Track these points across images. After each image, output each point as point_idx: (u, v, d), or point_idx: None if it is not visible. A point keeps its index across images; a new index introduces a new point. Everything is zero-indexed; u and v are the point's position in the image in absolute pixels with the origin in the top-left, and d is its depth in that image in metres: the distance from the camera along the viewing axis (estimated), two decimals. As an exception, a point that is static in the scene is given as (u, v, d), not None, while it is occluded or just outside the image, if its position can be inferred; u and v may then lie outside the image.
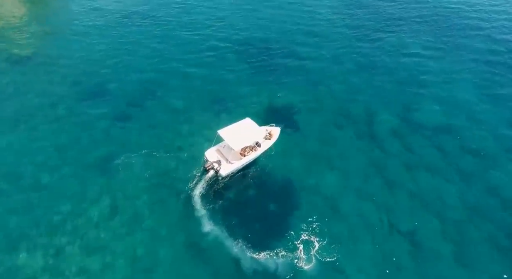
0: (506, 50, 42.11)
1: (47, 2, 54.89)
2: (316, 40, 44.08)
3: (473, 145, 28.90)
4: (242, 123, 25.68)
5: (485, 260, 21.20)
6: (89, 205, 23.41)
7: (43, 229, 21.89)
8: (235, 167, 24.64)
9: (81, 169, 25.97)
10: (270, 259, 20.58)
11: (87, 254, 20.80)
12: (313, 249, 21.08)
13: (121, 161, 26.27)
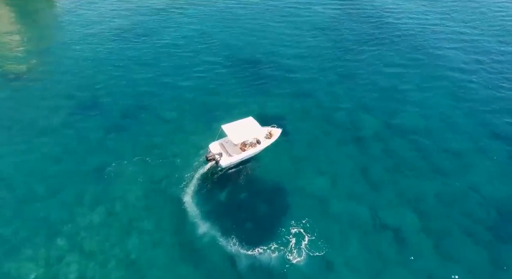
0: (478, 62, 44.89)
1: (40, 22, 56.60)
2: (302, 55, 46.26)
3: (450, 146, 30.79)
4: (244, 120, 27.92)
5: (465, 251, 22.47)
6: (84, 210, 24.11)
7: (40, 235, 22.40)
8: (234, 159, 26.89)
9: (76, 177, 26.75)
10: (263, 255, 21.53)
11: (83, 258, 21.31)
12: (303, 244, 22.16)
13: (114, 168, 27.19)
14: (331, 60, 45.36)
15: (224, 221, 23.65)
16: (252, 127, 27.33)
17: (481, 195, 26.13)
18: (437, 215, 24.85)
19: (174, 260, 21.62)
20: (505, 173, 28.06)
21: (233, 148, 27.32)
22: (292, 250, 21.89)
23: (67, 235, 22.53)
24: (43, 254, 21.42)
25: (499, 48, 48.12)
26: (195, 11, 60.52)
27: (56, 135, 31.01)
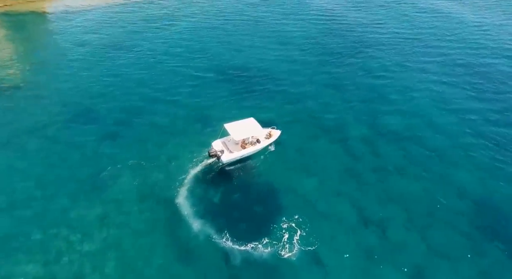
0: (460, 72, 46.93)
1: (33, 36, 58.02)
2: (291, 66, 48.02)
3: (432, 147, 32.25)
4: (246, 120, 30.18)
5: (448, 244, 23.45)
6: (79, 213, 24.67)
7: (36, 238, 22.87)
8: (235, 156, 28.88)
9: (71, 181, 27.39)
10: (256, 250, 22.33)
11: (79, 259, 21.72)
12: (295, 240, 23.05)
13: (109, 172, 28.02)
14: (319, 70, 47.26)
15: (217, 219, 24.44)
16: (252, 127, 29.38)
17: (461, 190, 27.44)
18: (421, 210, 25.95)
19: (169, 260, 22.12)
20: (483, 170, 29.50)
21: (234, 146, 29.52)
22: (285, 245, 22.74)
23: (62, 238, 22.99)
24: (39, 255, 21.80)
25: (476, 60, 50.51)
26: (187, 25, 62.64)
27: (51, 143, 31.74)
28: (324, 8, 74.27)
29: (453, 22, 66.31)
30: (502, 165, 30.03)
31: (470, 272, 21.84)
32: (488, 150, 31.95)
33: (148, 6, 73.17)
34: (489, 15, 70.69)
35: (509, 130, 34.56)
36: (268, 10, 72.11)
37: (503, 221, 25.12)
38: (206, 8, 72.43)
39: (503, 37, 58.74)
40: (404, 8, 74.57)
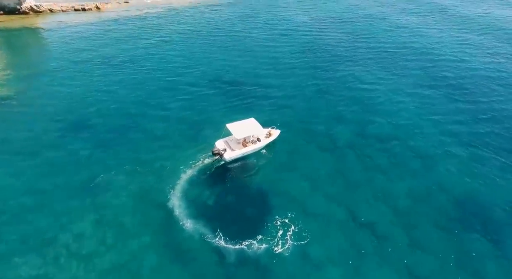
0: (439, 82, 49.39)
1: (27, 52, 58.73)
2: (282, 75, 49.98)
3: (416, 150, 33.92)
4: (247, 120, 32.29)
5: (433, 240, 24.53)
6: (74, 218, 24.95)
7: (32, 243, 23.05)
8: (237, 154, 30.65)
9: (66, 189, 27.66)
10: (250, 248, 23.05)
11: (75, 263, 21.90)
12: (288, 236, 23.94)
13: (103, 178, 28.50)
14: (309, 79, 49.34)
15: (211, 220, 25.07)
16: (253, 126, 31.38)
17: (445, 191, 28.79)
18: (408, 210, 27.09)
19: (165, 261, 22.46)
20: (465, 171, 31.05)
21: (235, 145, 31.26)
22: (278, 241, 23.60)
23: (58, 242, 23.19)
24: (34, 259, 21.95)
25: (453, 71, 53.34)
26: (179, 41, 64.54)
27: (44, 151, 32.05)
28: (311, 25, 77.71)
29: (433, 37, 70.16)
30: (478, 164, 31.90)
31: (454, 264, 22.83)
32: (465, 151, 33.77)
33: (140, 22, 75.20)
34: (465, 31, 75.08)
35: (483, 133, 36.77)
36: (258, 26, 75.04)
37: (481, 214, 26.55)
38: (198, 25, 74.87)
39: (478, 51, 62.44)
40: (387, 24, 78.65)
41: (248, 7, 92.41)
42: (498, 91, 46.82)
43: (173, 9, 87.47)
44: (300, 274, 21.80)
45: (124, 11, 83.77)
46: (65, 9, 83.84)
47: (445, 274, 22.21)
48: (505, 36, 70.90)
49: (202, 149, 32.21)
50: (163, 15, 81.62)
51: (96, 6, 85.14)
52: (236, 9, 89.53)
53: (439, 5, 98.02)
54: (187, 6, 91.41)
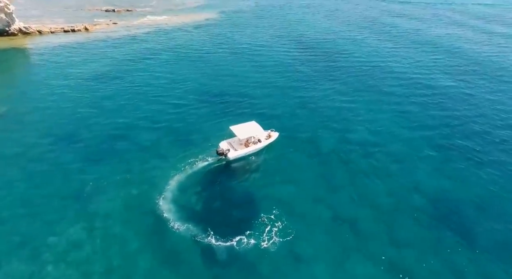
0: (416, 94, 52.62)
1: (16, 69, 59.83)
2: (267, 91, 51.93)
3: (393, 155, 35.98)
4: (248, 123, 35.10)
5: (411, 235, 26.05)
6: (65, 226, 25.46)
7: (23, 250, 23.43)
8: (239, 153, 33.28)
9: (57, 199, 28.21)
10: (240, 245, 24.20)
11: (67, 270, 22.28)
12: (274, 233, 25.25)
13: (94, 188, 29.34)
14: (293, 93, 51.81)
15: (201, 221, 26.09)
16: (254, 128, 34.28)
17: (421, 190, 30.70)
18: (387, 209, 28.71)
19: (157, 263, 23.04)
20: (438, 172, 33.21)
21: (238, 145, 34.00)
22: (265, 237, 24.95)
23: (50, 249, 23.59)
24: (27, 266, 22.28)
25: (429, 83, 57.18)
26: (168, 58, 66.76)
27: (35, 165, 32.59)
28: (295, 40, 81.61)
29: (412, 52, 74.79)
30: (449, 165, 34.27)
31: (431, 257, 24.26)
32: (440, 156, 36.03)
33: (129, 42, 77.37)
34: (434, 52, 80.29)
35: (455, 139, 39.35)
36: (243, 45, 78.16)
37: (454, 209, 28.43)
38: (185, 44, 77.54)
39: (453, 65, 66.91)
40: (369, 40, 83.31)
41: (234, 27, 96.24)
42: (464, 101, 50.26)
43: (161, 30, 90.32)
44: (286, 268, 22.86)
45: (113, 32, 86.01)
46: (54, 31, 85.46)
47: (423, 266, 23.55)
48: (467, 55, 76.17)
49: (190, 156, 33.51)
50: (151, 35, 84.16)
51: (85, 27, 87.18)
52: (222, 29, 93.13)
53: (409, 30, 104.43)
54: (175, 27, 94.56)
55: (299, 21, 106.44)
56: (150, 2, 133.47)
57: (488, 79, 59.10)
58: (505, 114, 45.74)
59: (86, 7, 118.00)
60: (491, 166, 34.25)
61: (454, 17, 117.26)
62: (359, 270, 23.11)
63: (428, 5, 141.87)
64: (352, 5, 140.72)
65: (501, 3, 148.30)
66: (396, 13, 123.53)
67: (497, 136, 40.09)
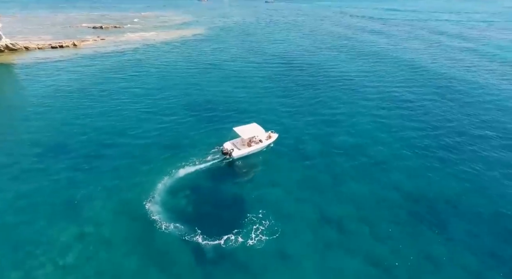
0: (395, 102, 55.71)
1: (3, 86, 59.82)
2: (253, 101, 54.00)
3: (374, 157, 37.83)
4: (250, 125, 38.14)
5: (390, 231, 27.42)
6: (56, 233, 25.79)
7: (14, 258, 23.68)
8: (243, 152, 35.96)
9: (47, 207, 28.57)
10: (226, 244, 24.97)
11: (58, 275, 22.61)
12: (260, 232, 26.27)
13: (84, 195, 29.83)
14: (278, 101, 53.92)
15: (189, 222, 26.84)
16: (256, 129, 37.20)
17: (398, 188, 32.42)
18: (369, 207, 30.15)
19: (145, 265, 23.58)
20: (416, 172, 35.12)
21: (241, 145, 36.72)
22: (252, 236, 25.90)
23: (41, 254, 23.91)
24: (17, 273, 22.50)
25: (406, 94, 60.50)
26: (155, 73, 68.32)
27: (23, 175, 32.88)
28: (279, 53, 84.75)
29: (391, 64, 78.77)
30: (428, 167, 36.17)
31: (410, 250, 25.58)
32: (416, 157, 38.13)
33: (117, 57, 78.86)
34: (419, 58, 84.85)
35: (431, 142, 41.76)
36: (230, 59, 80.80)
37: (429, 206, 30.10)
38: (173, 58, 79.56)
39: (429, 76, 70.84)
40: (352, 53, 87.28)
41: (221, 42, 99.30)
42: (439, 108, 53.29)
43: (150, 45, 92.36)
44: (272, 265, 23.78)
45: (101, 48, 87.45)
46: (41, 47, 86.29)
47: (401, 259, 24.83)
48: (436, 69, 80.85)
49: (178, 162, 34.55)
50: (139, 50, 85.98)
51: (73, 43, 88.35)
52: (209, 44, 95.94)
53: (395, 38, 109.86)
54: (163, 42, 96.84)
55: (284, 37, 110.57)
56: (133, 19, 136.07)
57: (459, 91, 62.78)
58: (475, 119, 48.73)
59: (73, 25, 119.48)
60: (462, 165, 36.47)
61: (426, 33, 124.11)
62: (342, 263, 24.21)
63: (404, 21, 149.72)
64: (333, 23, 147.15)
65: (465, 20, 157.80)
66: (371, 30, 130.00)
67: (467, 139, 42.64)
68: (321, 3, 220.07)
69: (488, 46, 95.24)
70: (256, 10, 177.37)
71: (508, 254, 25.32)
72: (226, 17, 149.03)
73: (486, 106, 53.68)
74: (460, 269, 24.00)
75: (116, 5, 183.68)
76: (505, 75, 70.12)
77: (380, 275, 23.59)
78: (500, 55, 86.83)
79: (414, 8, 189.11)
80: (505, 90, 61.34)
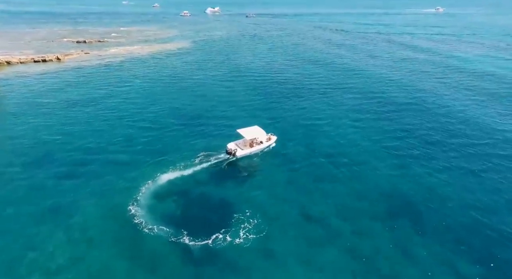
0: (372, 109, 58.63)
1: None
2: (237, 111, 55.53)
3: (354, 159, 39.93)
4: (253, 127, 41.53)
5: (370, 228, 29.05)
6: (44, 239, 26.10)
7: (3, 264, 23.74)
8: (245, 152, 39.22)
9: (35, 214, 28.88)
10: (214, 244, 25.95)
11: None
12: (247, 230, 27.42)
13: (71, 201, 30.43)
14: (262, 110, 55.99)
15: (177, 224, 27.77)
16: (258, 131, 40.69)
17: (378, 188, 34.33)
18: (349, 204, 31.91)
19: (134, 268, 24.11)
20: (392, 173, 37.30)
21: (244, 145, 39.89)
22: (239, 235, 26.98)
23: (28, 260, 24.10)
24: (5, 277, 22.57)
25: (385, 99, 64.01)
26: (141, 83, 69.24)
27: (11, 183, 32.99)
28: (263, 67, 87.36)
29: (366, 76, 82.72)
30: (401, 166, 38.60)
31: (388, 243, 27.24)
32: (392, 158, 40.56)
33: (102, 70, 79.33)
34: (393, 74, 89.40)
35: (405, 144, 44.50)
36: (214, 70, 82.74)
37: (406, 205, 32.06)
38: (158, 70, 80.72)
39: (404, 88, 74.94)
40: (333, 66, 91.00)
41: (206, 54, 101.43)
42: (414, 114, 56.57)
43: (135, 58, 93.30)
44: (260, 261, 24.85)
45: (86, 61, 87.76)
46: (23, 61, 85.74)
47: (381, 252, 26.39)
48: (428, 74, 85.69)
49: (165, 167, 35.63)
50: (125, 63, 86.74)
51: (56, 57, 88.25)
52: (194, 57, 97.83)
53: (371, 52, 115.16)
54: (148, 55, 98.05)
55: (269, 49, 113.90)
56: (117, 34, 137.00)
57: (427, 102, 66.75)
58: (442, 126, 52.02)
59: (56, 39, 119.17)
60: (433, 164, 38.97)
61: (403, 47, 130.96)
62: (325, 258, 25.50)
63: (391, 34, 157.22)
64: (314, 37, 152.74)
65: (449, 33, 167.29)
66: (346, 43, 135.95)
67: (443, 142, 45.43)
68: (302, 18, 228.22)
69: (456, 58, 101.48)
70: (239, 25, 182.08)
71: (475, 242, 27.36)
72: (210, 31, 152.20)
73: (451, 114, 57.22)
74: (433, 259, 25.73)
75: (99, 20, 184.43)
76: (468, 85, 74.92)
77: (361, 268, 25.02)
78: (466, 67, 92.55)
79: (390, 22, 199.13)
80: (469, 99, 65.56)
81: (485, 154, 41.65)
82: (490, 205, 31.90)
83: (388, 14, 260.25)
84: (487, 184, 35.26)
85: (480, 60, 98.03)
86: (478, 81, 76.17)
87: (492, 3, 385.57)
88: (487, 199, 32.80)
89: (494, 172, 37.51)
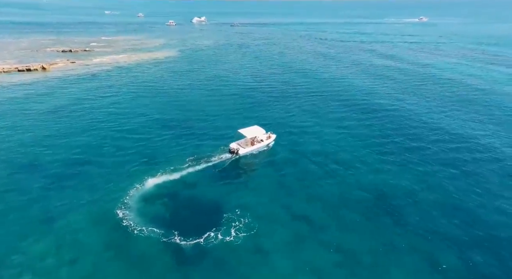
0: (356, 114, 61.05)
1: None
2: (226, 116, 56.84)
3: (339, 160, 41.58)
4: (253, 127, 44.24)
5: (356, 224, 30.39)
6: (34, 246, 26.27)
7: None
8: (247, 150, 41.79)
9: (24, 222, 28.87)
10: (205, 242, 26.70)
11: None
12: (238, 229, 28.33)
13: (60, 207, 30.71)
14: (250, 112, 57.81)
15: (168, 225, 28.50)
16: (258, 130, 43.26)
17: (362, 187, 35.93)
18: (335, 203, 33.22)
19: (126, 270, 24.50)
20: (375, 172, 39.08)
21: (245, 144, 42.42)
22: (232, 233, 27.87)
23: (18, 264, 24.26)
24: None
25: (368, 104, 66.56)
26: (128, 92, 69.54)
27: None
28: (251, 75, 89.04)
29: (349, 85, 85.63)
30: (386, 167, 40.39)
31: (372, 241, 28.52)
32: (376, 159, 42.41)
33: (88, 79, 79.14)
34: (375, 82, 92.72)
35: (389, 145, 46.74)
36: (201, 78, 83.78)
37: (388, 201, 33.73)
38: (145, 79, 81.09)
39: (386, 95, 77.97)
40: (321, 75, 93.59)
41: (192, 63, 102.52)
42: (397, 119, 59.15)
43: (121, 67, 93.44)
44: (250, 258, 25.72)
45: (72, 70, 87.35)
46: (7, 70, 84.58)
47: (366, 248, 27.64)
48: (414, 83, 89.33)
49: (155, 172, 36.27)
50: (111, 72, 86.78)
51: (42, 67, 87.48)
52: (181, 65, 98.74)
53: (357, 60, 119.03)
54: (134, 64, 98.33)
55: (256, 57, 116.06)
56: (103, 43, 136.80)
57: (420, 101, 69.82)
58: (431, 130, 54.61)
59: (40, 49, 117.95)
60: (417, 165, 40.98)
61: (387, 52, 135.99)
62: (313, 255, 26.57)
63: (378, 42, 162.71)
64: (299, 46, 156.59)
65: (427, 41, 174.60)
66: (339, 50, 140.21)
67: (423, 142, 47.81)
68: (288, 27, 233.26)
69: (434, 67, 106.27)
70: (225, 34, 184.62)
71: (456, 236, 29.01)
72: (197, 41, 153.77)
73: (430, 120, 60.12)
74: (416, 252, 27.17)
75: (84, 30, 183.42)
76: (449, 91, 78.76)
77: (348, 263, 26.18)
78: (441, 74, 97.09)
79: (373, 31, 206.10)
80: (442, 106, 68.93)
81: (458, 157, 43.70)
82: (462, 202, 33.94)
83: (372, 23, 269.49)
84: (460, 183, 37.34)
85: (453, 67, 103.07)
86: (453, 87, 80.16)
87: (471, 13, 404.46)
88: (460, 196, 34.86)
89: (465, 173, 39.58)
